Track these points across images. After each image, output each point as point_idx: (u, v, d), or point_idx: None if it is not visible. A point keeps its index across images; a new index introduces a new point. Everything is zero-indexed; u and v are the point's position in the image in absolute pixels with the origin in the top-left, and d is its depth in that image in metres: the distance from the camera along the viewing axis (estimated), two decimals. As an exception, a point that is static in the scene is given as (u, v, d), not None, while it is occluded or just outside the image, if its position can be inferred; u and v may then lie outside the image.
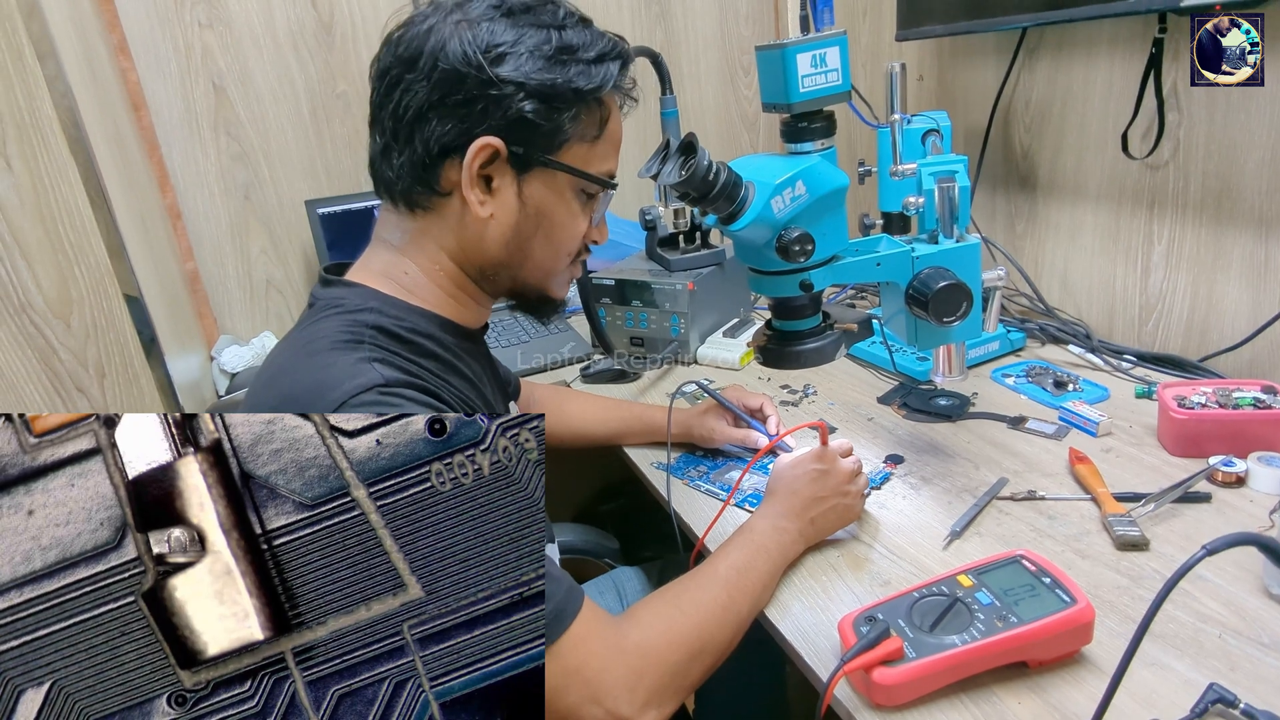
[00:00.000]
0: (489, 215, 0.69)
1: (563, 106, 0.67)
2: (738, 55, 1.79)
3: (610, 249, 1.62)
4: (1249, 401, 0.91)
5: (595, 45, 0.69)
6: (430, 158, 0.67)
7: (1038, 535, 0.82)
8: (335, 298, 0.70)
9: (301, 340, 0.67)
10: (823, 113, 0.81)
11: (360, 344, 0.65)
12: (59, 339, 0.96)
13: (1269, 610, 0.69)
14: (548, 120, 0.67)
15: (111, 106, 1.22)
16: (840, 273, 0.83)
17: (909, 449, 1.01)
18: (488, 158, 0.66)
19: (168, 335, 1.18)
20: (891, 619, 0.65)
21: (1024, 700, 0.62)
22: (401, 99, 0.66)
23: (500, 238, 0.71)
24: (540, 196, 0.70)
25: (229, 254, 1.52)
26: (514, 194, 0.69)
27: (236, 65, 1.44)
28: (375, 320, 0.67)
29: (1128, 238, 1.24)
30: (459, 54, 0.64)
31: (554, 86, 0.66)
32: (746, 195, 0.77)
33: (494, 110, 0.65)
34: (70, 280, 0.95)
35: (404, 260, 0.72)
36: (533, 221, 0.71)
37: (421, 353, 0.69)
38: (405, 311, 0.70)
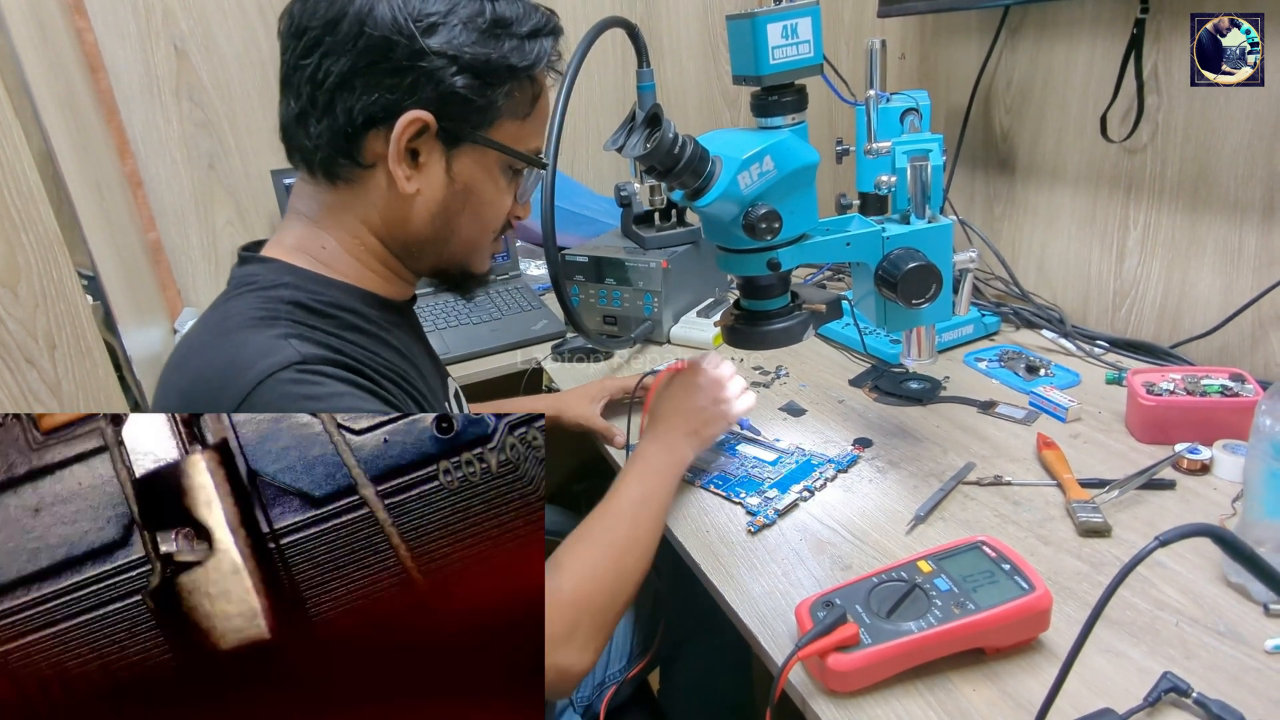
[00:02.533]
0: (415, 191, 0.66)
1: (496, 82, 0.65)
2: (720, 30, 1.76)
3: (585, 225, 1.59)
4: (1216, 389, 0.90)
5: (529, 19, 0.66)
6: (353, 128, 0.63)
7: (1001, 521, 0.81)
8: (248, 275, 0.67)
9: (214, 320, 0.64)
10: (794, 86, 0.78)
11: (276, 320, 0.62)
12: (6, 309, 0.92)
13: (1226, 598, 0.68)
14: (480, 96, 0.64)
15: (64, 67, 1.18)
16: (809, 252, 0.81)
17: (878, 432, 1.00)
18: (416, 132, 0.64)
19: (125, 307, 1.15)
20: (849, 604, 0.65)
21: (979, 688, 0.62)
22: (322, 63, 0.62)
23: (426, 214, 0.68)
24: (469, 173, 0.68)
25: (193, 224, 1.48)
26: (442, 170, 0.67)
27: (199, 28, 1.40)
28: (291, 296, 0.65)
29: (1104, 222, 1.23)
30: (388, 20, 0.61)
31: (488, 62, 0.64)
32: (714, 170, 0.75)
33: (424, 83, 0.62)
34: (16, 247, 0.91)
35: (321, 234, 0.69)
36: (460, 198, 0.69)
37: (343, 326, 0.66)
38: (323, 286, 0.68)
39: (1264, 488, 0.68)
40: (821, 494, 0.88)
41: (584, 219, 1.60)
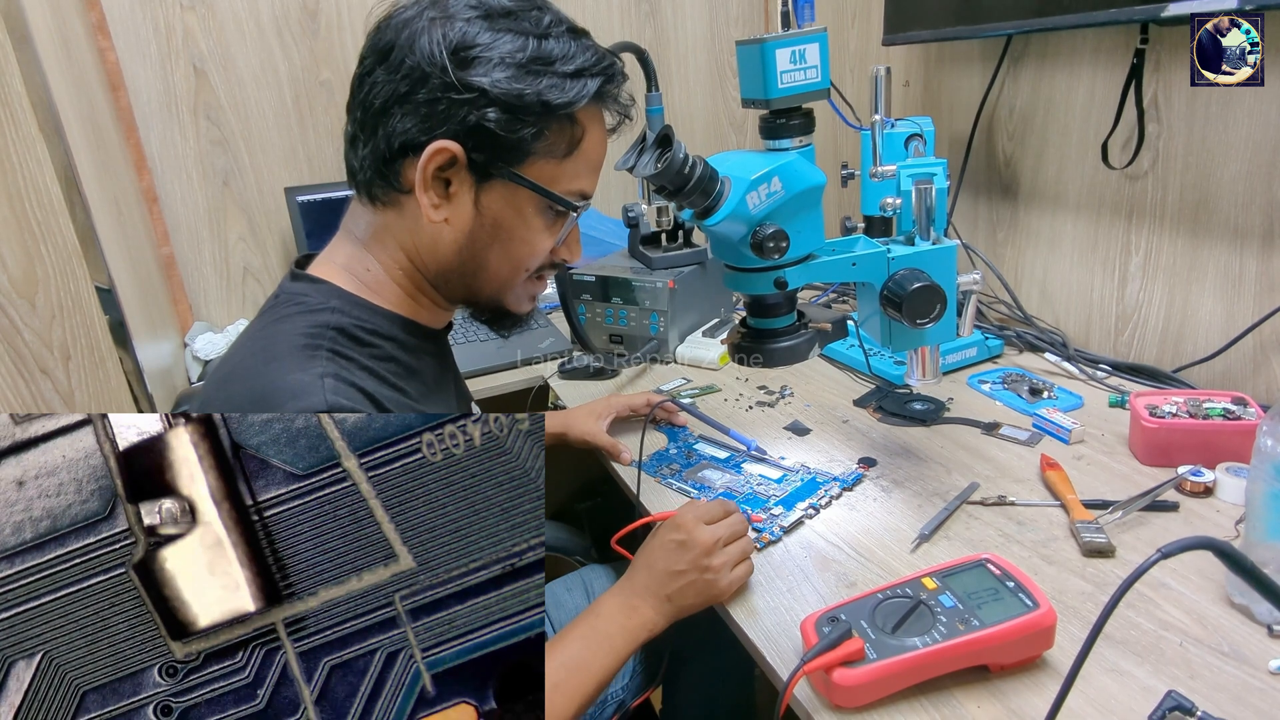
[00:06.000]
0: (443, 219, 0.67)
1: (528, 120, 0.64)
2: (727, 57, 1.79)
3: (592, 246, 1.61)
4: (1219, 412, 0.91)
5: (576, 59, 0.65)
6: (391, 152, 0.65)
7: (1005, 540, 0.82)
8: (298, 294, 0.69)
9: (261, 341, 0.66)
10: (801, 109, 0.80)
11: (319, 349, 0.63)
12: (23, 318, 0.94)
13: (1230, 619, 0.69)
14: (510, 131, 0.64)
15: (87, 85, 1.20)
16: (815, 271, 0.83)
17: (882, 452, 1.01)
18: (444, 161, 0.65)
19: (139, 320, 1.17)
20: (854, 620, 0.65)
21: (984, 704, 0.62)
22: (370, 90, 0.65)
23: (454, 244, 0.69)
24: (498, 208, 0.68)
25: (206, 240, 1.50)
26: (470, 201, 0.67)
27: (218, 49, 1.43)
28: (337, 321, 0.66)
29: (1106, 247, 1.24)
30: (426, 52, 0.63)
31: (520, 97, 0.63)
32: (722, 190, 0.76)
33: (454, 114, 0.63)
34: (36, 259, 0.93)
35: (366, 255, 0.71)
36: (489, 232, 0.69)
37: (380, 356, 0.68)
38: (368, 312, 0.69)
39: (1266, 509, 0.68)
40: (826, 512, 0.89)
41: (591, 239, 1.62)
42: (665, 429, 1.12)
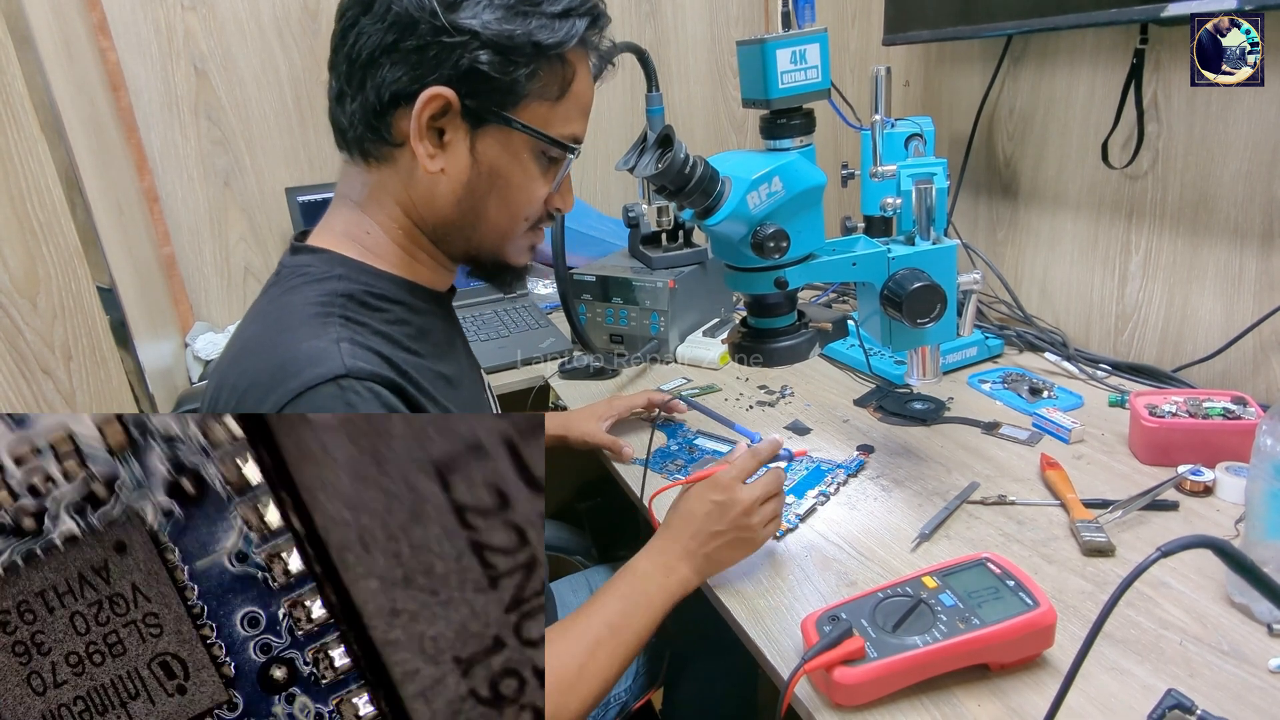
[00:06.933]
0: (439, 169, 0.66)
1: (520, 60, 0.63)
2: (727, 56, 1.79)
3: (593, 246, 1.61)
4: (1219, 411, 0.91)
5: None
6: (381, 105, 0.64)
7: (1006, 539, 0.82)
8: (301, 265, 0.69)
9: (272, 315, 0.65)
10: (802, 110, 0.80)
11: (330, 316, 0.63)
12: (24, 319, 0.94)
13: (1230, 618, 0.69)
14: (503, 74, 0.63)
15: (88, 86, 1.20)
16: (816, 271, 0.83)
17: (882, 451, 1.01)
18: (438, 109, 0.63)
19: (140, 320, 1.17)
20: (854, 619, 0.65)
21: (984, 703, 0.62)
22: (355, 41, 0.64)
23: (452, 194, 0.68)
24: (494, 154, 0.67)
25: (207, 240, 1.51)
26: (466, 149, 0.66)
27: (219, 49, 1.43)
28: (345, 288, 0.66)
29: (1106, 247, 1.25)
30: None
31: (511, 38, 0.62)
32: (723, 190, 0.76)
33: (446, 59, 0.62)
34: (38, 259, 0.93)
35: (364, 218, 0.70)
36: (486, 180, 0.68)
37: (392, 320, 0.67)
38: (372, 277, 0.69)
39: (1265, 508, 0.68)
40: (827, 511, 0.89)
41: (592, 239, 1.62)
42: (663, 426, 1.12)
